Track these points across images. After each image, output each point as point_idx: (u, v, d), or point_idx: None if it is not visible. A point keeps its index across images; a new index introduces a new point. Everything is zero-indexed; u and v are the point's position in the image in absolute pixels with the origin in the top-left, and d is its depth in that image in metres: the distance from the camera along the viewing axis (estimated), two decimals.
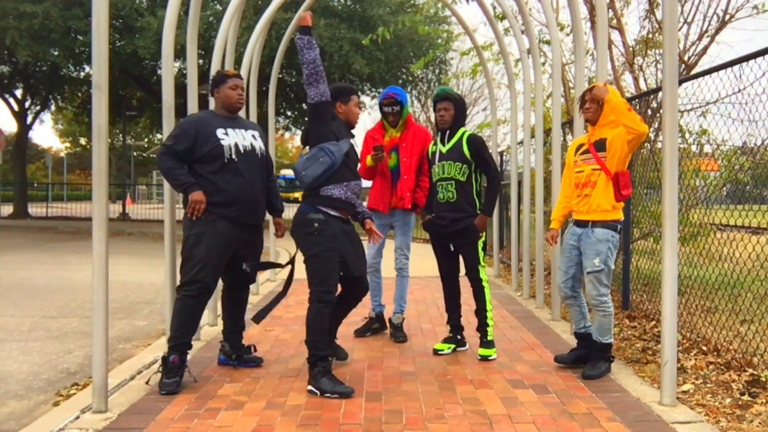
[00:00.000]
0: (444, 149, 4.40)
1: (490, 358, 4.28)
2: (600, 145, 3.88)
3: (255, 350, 4.23)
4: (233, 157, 3.79)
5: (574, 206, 4.03)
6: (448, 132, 4.41)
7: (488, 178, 4.44)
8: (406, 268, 5.04)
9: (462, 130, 4.43)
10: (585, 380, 3.79)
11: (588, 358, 4.02)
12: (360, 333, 5.01)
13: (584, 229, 3.91)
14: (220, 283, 4.11)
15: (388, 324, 5.08)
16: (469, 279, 4.41)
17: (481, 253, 4.38)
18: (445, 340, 4.55)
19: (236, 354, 4.12)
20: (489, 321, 4.40)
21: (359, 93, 4.63)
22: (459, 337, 4.55)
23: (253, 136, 3.98)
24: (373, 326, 5.08)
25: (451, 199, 4.34)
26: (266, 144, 4.11)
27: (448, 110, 4.37)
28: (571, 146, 4.22)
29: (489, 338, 4.38)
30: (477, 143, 4.37)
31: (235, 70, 4.06)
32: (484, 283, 4.40)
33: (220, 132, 3.82)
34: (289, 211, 6.45)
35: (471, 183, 4.36)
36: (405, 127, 4.90)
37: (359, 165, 4.33)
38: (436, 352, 4.44)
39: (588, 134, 4.04)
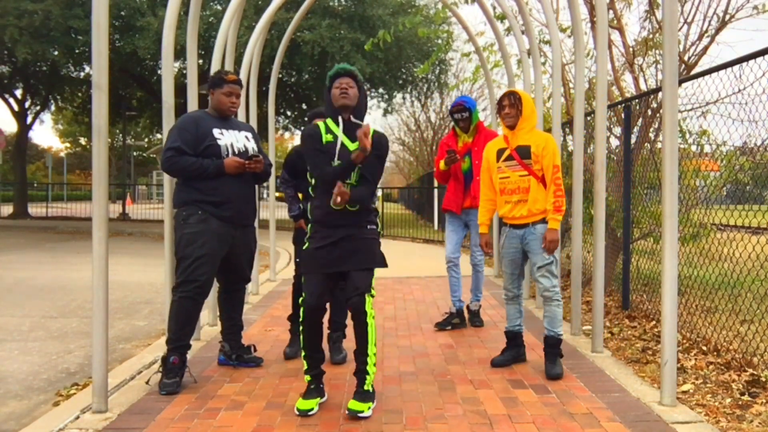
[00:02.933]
0: (353, 146, 3.35)
1: (361, 414, 3.19)
2: (524, 152, 3.96)
3: (255, 350, 4.23)
4: (228, 157, 3.83)
5: (505, 213, 4.05)
6: (350, 118, 3.41)
7: (364, 179, 3.38)
8: (482, 264, 5.28)
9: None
10: (551, 380, 3.82)
11: (522, 355, 4.21)
12: (441, 326, 5.26)
13: (525, 229, 3.99)
14: (218, 283, 4.12)
15: (467, 315, 5.38)
16: (350, 309, 3.34)
17: (373, 281, 3.42)
18: (308, 395, 3.40)
19: (236, 354, 4.13)
20: (369, 368, 3.35)
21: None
22: (322, 386, 3.49)
23: (246, 137, 4.01)
24: (453, 321, 5.27)
25: (351, 205, 3.35)
26: (259, 144, 4.12)
27: (352, 87, 3.38)
28: (488, 151, 4.18)
29: (366, 387, 3.32)
30: (383, 144, 3.42)
31: (235, 75, 3.98)
32: (369, 318, 3.33)
33: (216, 131, 3.86)
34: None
35: (375, 189, 3.54)
36: (476, 132, 5.14)
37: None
38: (301, 411, 3.29)
39: (504, 138, 4.08)
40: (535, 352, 4.48)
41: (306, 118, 4.54)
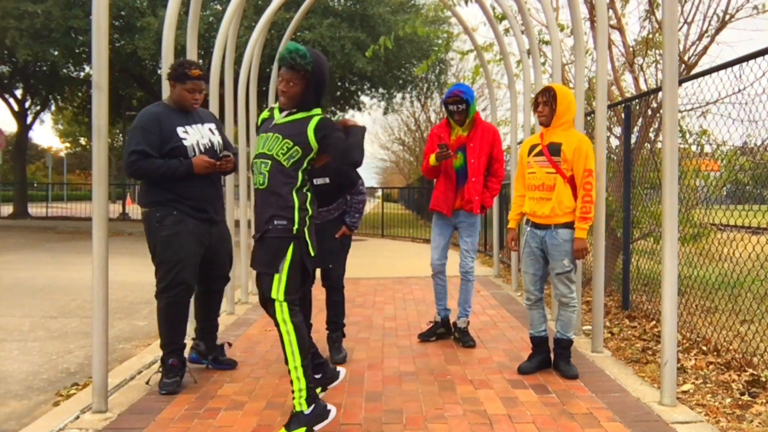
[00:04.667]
0: (280, 120, 3.12)
1: None
2: (554, 149, 3.87)
3: (230, 345, 4.19)
4: (196, 156, 3.70)
5: (529, 210, 3.99)
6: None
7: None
8: (472, 272, 4.75)
9: (315, 111, 3.12)
10: (571, 380, 3.82)
11: (548, 361, 4.06)
12: (424, 337, 4.80)
13: (546, 231, 3.91)
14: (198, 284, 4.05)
15: (453, 329, 4.89)
16: None
17: (279, 284, 2.95)
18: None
19: (212, 356, 4.06)
20: (295, 384, 2.92)
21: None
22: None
23: (211, 129, 3.87)
24: (438, 331, 4.83)
25: (260, 184, 3.05)
26: (224, 134, 3.99)
27: (294, 83, 3.03)
28: (523, 146, 4.14)
29: (296, 408, 2.91)
30: (323, 130, 3.07)
31: (199, 69, 3.74)
32: (283, 326, 2.93)
33: (180, 130, 3.69)
34: None
35: (295, 175, 3.04)
36: (473, 126, 4.61)
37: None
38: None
39: (540, 135, 4.01)
40: None
41: None
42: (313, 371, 3.16)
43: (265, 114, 3.28)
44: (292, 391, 2.94)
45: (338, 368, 3.38)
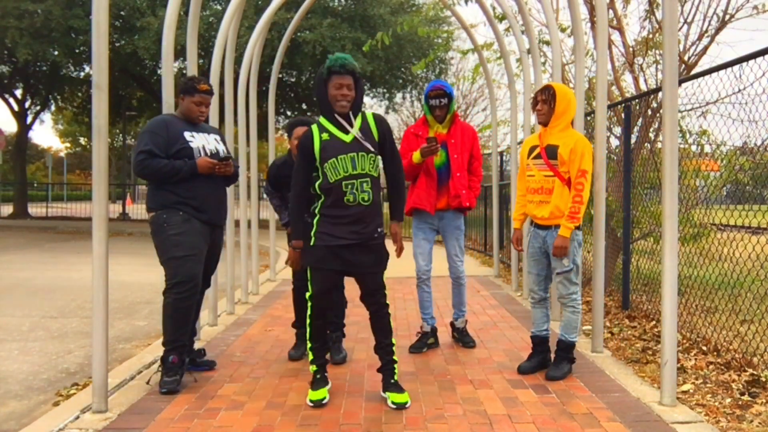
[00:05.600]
0: (347, 138, 3.38)
1: (408, 405, 3.36)
2: (551, 152, 3.83)
3: (204, 354, 4.18)
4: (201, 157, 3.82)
5: (530, 210, 3.99)
6: (346, 117, 3.41)
7: (389, 174, 3.55)
8: (464, 275, 4.68)
9: (362, 111, 3.50)
10: (549, 381, 3.80)
11: (548, 361, 4.03)
12: (416, 349, 4.56)
13: (548, 231, 3.89)
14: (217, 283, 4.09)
15: (451, 332, 4.88)
16: (370, 305, 3.51)
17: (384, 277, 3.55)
18: (317, 385, 3.50)
19: (189, 358, 4.02)
20: (395, 356, 3.54)
21: (306, 124, 4.14)
22: (326, 374, 3.59)
23: (216, 139, 4.02)
24: (429, 341, 4.64)
25: (366, 201, 3.36)
26: (227, 146, 4.14)
27: (352, 89, 3.36)
28: (523, 146, 4.11)
29: (396, 377, 3.50)
30: (384, 122, 3.48)
31: (207, 84, 3.93)
32: (390, 308, 3.53)
33: (187, 134, 3.83)
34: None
35: (379, 180, 3.47)
36: (452, 123, 4.56)
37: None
38: (315, 402, 3.41)
39: (539, 135, 3.97)
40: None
41: (286, 127, 4.41)
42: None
43: (325, 136, 3.39)
44: (392, 361, 3.49)
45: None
